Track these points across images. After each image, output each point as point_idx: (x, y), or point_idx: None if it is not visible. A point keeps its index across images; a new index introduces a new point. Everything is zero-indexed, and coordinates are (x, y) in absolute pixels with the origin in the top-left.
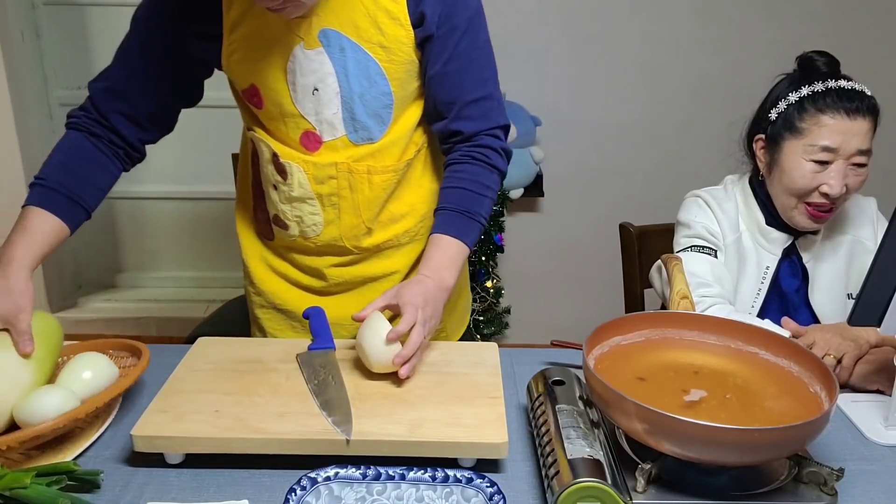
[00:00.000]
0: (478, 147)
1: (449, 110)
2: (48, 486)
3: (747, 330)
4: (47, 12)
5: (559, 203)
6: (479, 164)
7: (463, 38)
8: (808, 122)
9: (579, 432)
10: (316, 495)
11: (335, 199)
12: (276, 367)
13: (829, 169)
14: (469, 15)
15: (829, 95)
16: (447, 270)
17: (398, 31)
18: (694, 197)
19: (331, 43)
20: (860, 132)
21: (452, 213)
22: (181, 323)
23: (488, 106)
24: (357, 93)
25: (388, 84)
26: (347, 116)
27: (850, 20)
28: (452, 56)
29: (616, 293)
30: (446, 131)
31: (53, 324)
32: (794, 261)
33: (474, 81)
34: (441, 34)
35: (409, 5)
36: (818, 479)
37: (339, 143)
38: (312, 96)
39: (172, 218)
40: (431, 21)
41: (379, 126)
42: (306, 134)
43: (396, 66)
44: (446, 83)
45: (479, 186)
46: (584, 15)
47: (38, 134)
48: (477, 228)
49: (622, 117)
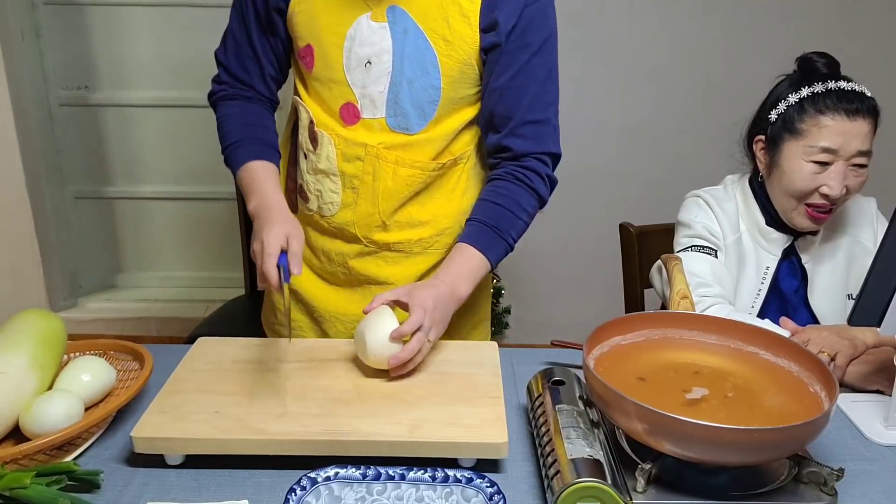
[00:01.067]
0: (523, 168)
1: (504, 125)
2: (48, 486)
3: (747, 330)
4: (47, 12)
5: (559, 203)
6: (522, 185)
7: (534, 57)
8: (808, 124)
9: (579, 432)
10: (316, 495)
11: (356, 183)
12: (276, 367)
13: (828, 170)
14: (544, 36)
15: (829, 96)
16: (463, 281)
17: (465, 28)
18: (694, 197)
19: (397, 21)
20: (860, 133)
21: (483, 227)
22: (181, 323)
23: (544, 130)
24: (407, 77)
25: (439, 78)
26: (391, 99)
27: (851, 21)
28: (520, 72)
29: (616, 293)
30: (497, 146)
31: (59, 326)
32: (793, 261)
33: (536, 102)
34: (511, 48)
35: (482, 8)
36: (818, 479)
37: (375, 123)
38: (364, 68)
39: (172, 218)
40: (503, 30)
41: (419, 119)
42: (347, 105)
43: (453, 62)
44: (508, 97)
45: (516, 207)
46: (584, 15)
47: (38, 134)
48: (504, 247)
49: (622, 117)
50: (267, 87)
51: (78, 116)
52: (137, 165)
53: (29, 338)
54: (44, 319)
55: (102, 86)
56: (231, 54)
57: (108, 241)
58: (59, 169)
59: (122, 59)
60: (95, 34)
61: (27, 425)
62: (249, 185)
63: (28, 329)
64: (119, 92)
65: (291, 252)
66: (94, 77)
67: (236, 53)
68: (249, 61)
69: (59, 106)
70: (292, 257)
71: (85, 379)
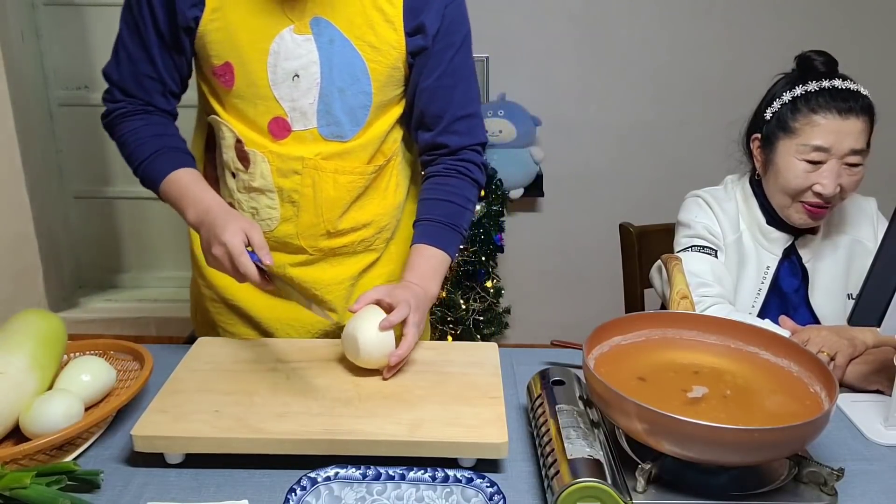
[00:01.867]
0: (462, 161)
1: (436, 123)
2: (48, 486)
3: (747, 330)
4: (47, 12)
5: (559, 203)
6: (464, 178)
7: (458, 55)
8: (801, 122)
9: (579, 432)
10: (316, 495)
11: (295, 197)
12: (276, 367)
13: (822, 169)
14: (464, 33)
15: (822, 95)
16: (432, 280)
17: (391, 34)
18: (694, 197)
19: (321, 32)
20: (853, 132)
21: (438, 225)
22: (181, 323)
23: (474, 123)
24: (338, 87)
25: (370, 84)
26: (323, 109)
27: (850, 20)
28: (447, 71)
29: (616, 293)
30: (431, 143)
31: (58, 326)
32: (793, 261)
33: (464, 98)
34: (438, 49)
35: (405, 12)
36: (818, 479)
37: (307, 134)
38: (291, 82)
39: (172, 218)
40: (430, 33)
41: (352, 125)
42: (276, 120)
43: (382, 67)
44: (438, 97)
45: (463, 200)
46: (584, 15)
47: (38, 134)
48: (459, 240)
49: (622, 117)
50: (168, 103)
51: (78, 116)
52: None
53: (29, 338)
54: (44, 319)
55: (102, 85)
56: (126, 73)
57: (108, 241)
58: (59, 169)
59: None
60: (95, 34)
61: (27, 425)
62: (180, 195)
63: (28, 329)
64: None
65: (256, 245)
66: (94, 77)
67: (133, 73)
68: (148, 80)
69: (59, 106)
70: (259, 249)
71: (85, 379)
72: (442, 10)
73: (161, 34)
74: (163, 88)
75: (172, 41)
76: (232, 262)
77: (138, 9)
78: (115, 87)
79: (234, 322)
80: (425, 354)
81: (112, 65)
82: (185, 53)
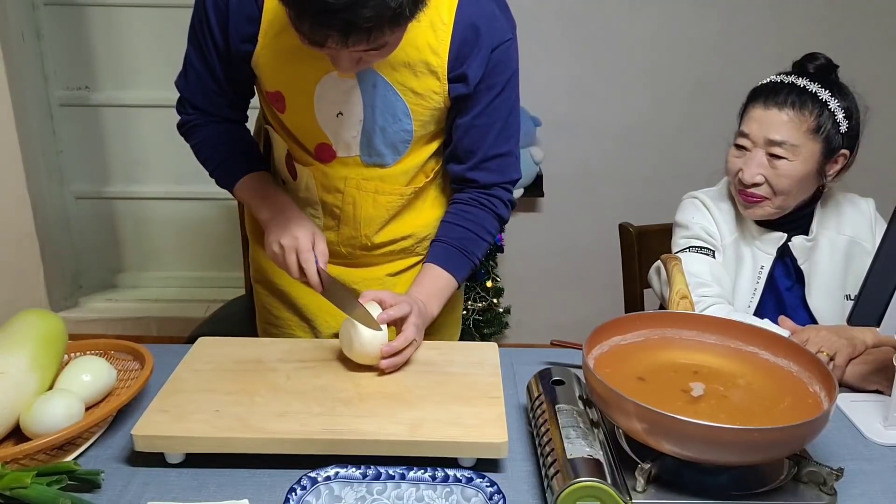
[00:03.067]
0: (488, 196)
1: (468, 159)
2: (48, 485)
3: (747, 330)
4: (47, 13)
5: (559, 203)
6: (486, 210)
7: (498, 97)
8: (745, 112)
9: (579, 432)
10: (316, 495)
11: (337, 211)
12: (276, 367)
13: (746, 156)
14: (508, 75)
15: (765, 88)
16: (434, 300)
17: (433, 82)
18: (691, 198)
19: (365, 78)
20: (776, 122)
21: (451, 249)
22: (181, 323)
23: (508, 162)
24: (379, 125)
25: (411, 123)
26: (365, 142)
27: (850, 20)
28: (484, 111)
29: (616, 293)
30: (462, 177)
31: (59, 327)
32: (787, 262)
33: (499, 137)
34: (478, 91)
35: (450, 62)
36: (818, 479)
37: (351, 160)
38: (336, 119)
39: (172, 218)
40: (472, 83)
41: (393, 155)
42: (321, 146)
43: (423, 109)
44: (472, 134)
45: (481, 230)
46: (584, 15)
47: (38, 134)
48: (470, 267)
49: (622, 117)
50: (236, 112)
51: (78, 116)
52: (137, 165)
53: (29, 338)
54: (44, 319)
55: (102, 86)
56: (195, 88)
57: (108, 241)
58: (59, 169)
59: (122, 59)
60: (95, 34)
61: (28, 425)
62: (257, 194)
63: (28, 329)
64: (119, 92)
65: (319, 251)
66: (94, 77)
67: (201, 89)
68: (215, 95)
69: (59, 106)
70: (320, 255)
71: (85, 379)
72: (488, 55)
73: (222, 57)
74: (230, 102)
75: (234, 65)
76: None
77: (201, 33)
78: (186, 100)
79: (277, 306)
80: (425, 354)
81: (181, 79)
82: (244, 75)
